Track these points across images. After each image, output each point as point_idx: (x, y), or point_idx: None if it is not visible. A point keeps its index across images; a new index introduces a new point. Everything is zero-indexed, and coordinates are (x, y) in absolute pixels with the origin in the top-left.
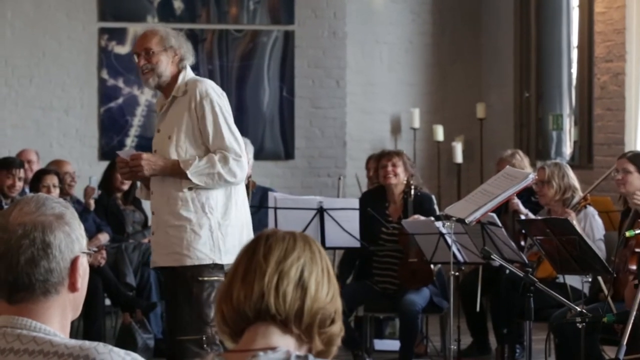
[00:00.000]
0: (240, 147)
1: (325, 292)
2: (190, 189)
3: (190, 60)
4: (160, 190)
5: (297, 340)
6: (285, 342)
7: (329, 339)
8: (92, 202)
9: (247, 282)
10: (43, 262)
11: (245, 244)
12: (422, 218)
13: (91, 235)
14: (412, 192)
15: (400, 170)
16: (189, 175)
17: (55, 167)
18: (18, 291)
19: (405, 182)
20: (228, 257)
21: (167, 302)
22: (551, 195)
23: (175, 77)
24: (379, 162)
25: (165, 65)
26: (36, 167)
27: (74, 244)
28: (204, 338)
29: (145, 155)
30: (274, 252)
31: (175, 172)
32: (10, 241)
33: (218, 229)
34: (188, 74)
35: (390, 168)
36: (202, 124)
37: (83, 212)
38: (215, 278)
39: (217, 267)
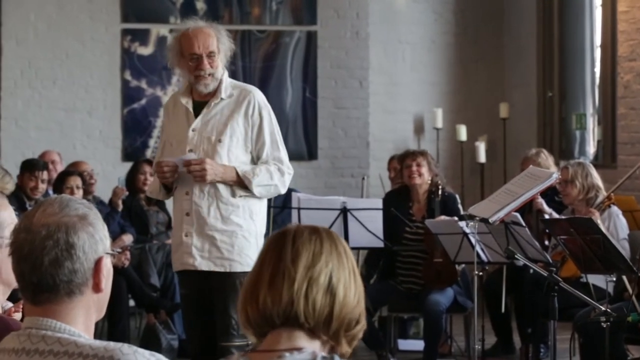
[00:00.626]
0: (288, 161)
1: (352, 295)
2: (242, 196)
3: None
4: (203, 194)
5: (323, 343)
6: (311, 345)
7: (353, 339)
8: (120, 203)
9: (274, 288)
10: (67, 262)
11: (269, 242)
12: (446, 218)
13: (115, 236)
14: (440, 192)
15: (424, 170)
16: (253, 187)
17: (74, 169)
18: (42, 292)
19: (429, 181)
20: None
21: (197, 307)
22: (574, 194)
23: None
24: (402, 162)
25: (222, 70)
26: (60, 168)
27: (97, 244)
28: (249, 344)
29: (209, 161)
30: (301, 257)
31: (233, 180)
32: (34, 242)
33: (261, 236)
34: (226, 74)
35: (414, 168)
36: (258, 132)
37: (110, 213)
38: None
39: None
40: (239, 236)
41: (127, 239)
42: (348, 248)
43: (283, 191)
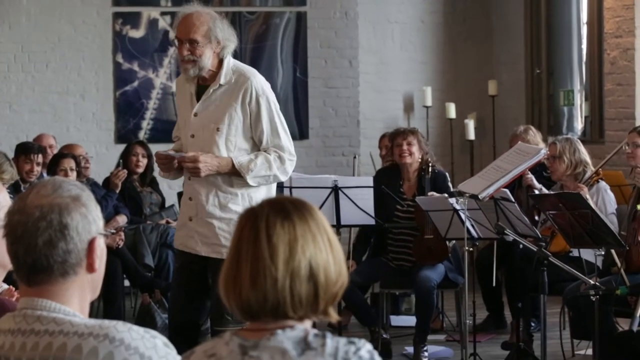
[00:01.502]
0: (292, 146)
1: (333, 271)
2: (240, 185)
3: (232, 47)
4: (204, 181)
5: (312, 319)
6: (301, 323)
7: (336, 299)
8: (119, 184)
9: (257, 287)
10: (61, 243)
11: (241, 227)
12: (437, 195)
13: (109, 217)
14: (430, 169)
15: (415, 149)
16: (248, 180)
17: (68, 152)
18: (37, 273)
19: (420, 160)
20: None
21: (189, 290)
22: (562, 170)
23: (216, 65)
24: (393, 140)
25: (208, 57)
26: (55, 151)
27: (90, 225)
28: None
29: (201, 158)
30: (279, 252)
31: (230, 172)
32: (27, 223)
33: None
34: (230, 60)
35: (405, 147)
36: (257, 119)
37: (106, 195)
38: None
39: None
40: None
41: (122, 220)
42: (320, 218)
43: (284, 179)
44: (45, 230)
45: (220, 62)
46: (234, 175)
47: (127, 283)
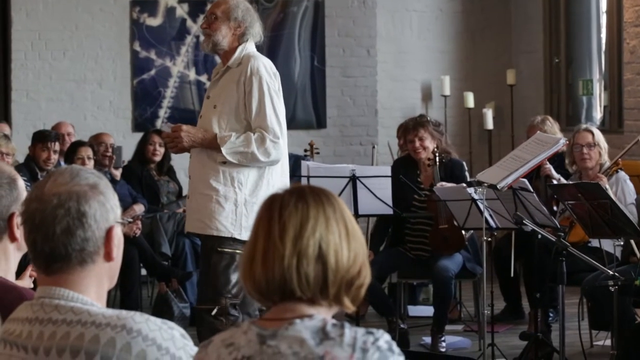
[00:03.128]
0: (281, 129)
1: (345, 256)
2: (223, 162)
3: (255, 38)
4: (197, 157)
5: (327, 307)
6: (317, 311)
7: (357, 293)
8: (115, 172)
9: (267, 265)
10: (79, 231)
11: (260, 211)
12: (447, 185)
13: (127, 206)
14: (437, 159)
15: (427, 142)
16: (223, 152)
17: (96, 141)
18: (55, 261)
19: (435, 149)
20: (249, 234)
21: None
22: (597, 158)
23: (234, 49)
24: (405, 136)
25: (224, 35)
26: (74, 139)
27: (108, 213)
28: (217, 308)
29: (185, 127)
30: (288, 230)
31: (213, 146)
32: (45, 211)
33: (244, 204)
34: (247, 47)
35: (417, 143)
36: (248, 99)
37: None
38: (236, 250)
39: (238, 241)
40: (213, 200)
41: (139, 208)
42: (340, 205)
43: (263, 159)
44: (63, 218)
45: (238, 47)
46: (218, 150)
47: (144, 272)
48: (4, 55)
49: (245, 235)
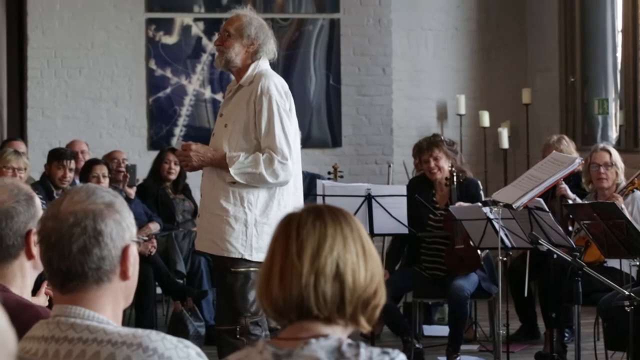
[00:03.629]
0: (290, 150)
1: (362, 276)
2: (233, 182)
3: (269, 55)
4: (208, 176)
5: (343, 326)
6: (333, 331)
7: (373, 313)
8: (130, 191)
9: (284, 284)
10: (95, 249)
11: (277, 230)
12: (465, 204)
13: (142, 224)
14: (455, 178)
15: (442, 162)
16: (231, 173)
17: (110, 158)
18: (71, 280)
19: (450, 168)
20: (260, 255)
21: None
22: (614, 178)
23: (247, 66)
24: (419, 156)
25: (237, 52)
26: (88, 157)
27: (124, 232)
28: (238, 328)
29: (194, 147)
30: (306, 249)
31: (222, 166)
32: (61, 230)
33: (254, 225)
34: (260, 65)
35: (432, 163)
36: (258, 119)
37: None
38: (250, 269)
39: (250, 261)
40: (223, 221)
41: (154, 227)
42: (356, 225)
43: (271, 180)
44: (79, 237)
45: (251, 64)
46: (227, 171)
47: (159, 290)
48: (20, 73)
49: (256, 256)
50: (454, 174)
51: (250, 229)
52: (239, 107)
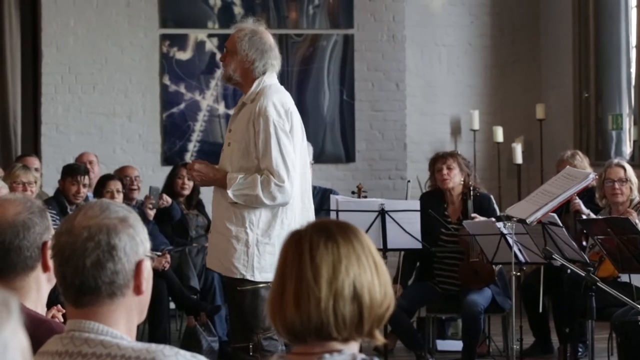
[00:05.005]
0: (288, 172)
1: (378, 293)
2: (234, 202)
3: (273, 68)
4: (215, 195)
5: (357, 342)
6: (347, 347)
7: (383, 323)
8: (150, 212)
9: (301, 308)
10: (109, 264)
11: (285, 250)
12: (480, 218)
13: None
14: (472, 192)
15: (455, 172)
16: (229, 194)
17: (122, 174)
18: (84, 294)
19: (462, 182)
20: (263, 275)
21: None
22: (628, 193)
23: (251, 82)
24: (433, 165)
25: (234, 69)
26: (97, 168)
27: (138, 246)
28: (251, 346)
29: (197, 166)
30: (322, 272)
31: (222, 185)
32: (75, 244)
33: (255, 245)
34: (264, 81)
35: (445, 172)
36: (257, 139)
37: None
38: (257, 285)
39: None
40: (227, 241)
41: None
42: (366, 240)
43: (268, 202)
44: (93, 251)
45: (254, 80)
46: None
47: (172, 306)
48: (34, 88)
49: (258, 276)
50: (471, 187)
51: (252, 249)
52: (242, 125)
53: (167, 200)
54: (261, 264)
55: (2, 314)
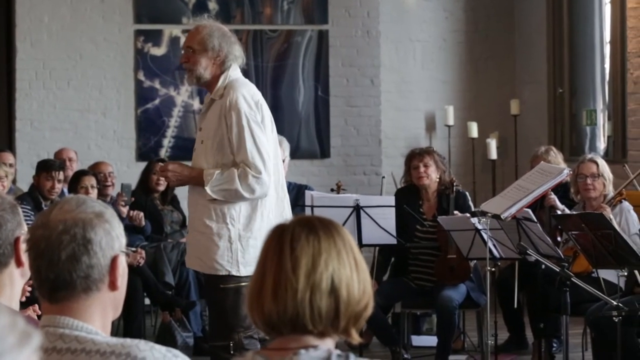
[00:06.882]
0: (264, 163)
1: (356, 290)
2: (213, 199)
3: (237, 61)
4: (191, 194)
5: (333, 337)
6: (322, 342)
7: (361, 323)
8: (123, 210)
9: (278, 298)
10: (84, 257)
11: (267, 242)
12: (459, 215)
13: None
14: (454, 188)
15: (432, 170)
16: (207, 190)
17: (96, 170)
18: (59, 289)
19: (437, 180)
20: (248, 269)
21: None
22: (601, 189)
23: (217, 78)
24: (409, 162)
25: (204, 67)
26: (76, 166)
27: (114, 241)
28: (231, 344)
29: (171, 167)
30: (301, 264)
31: (200, 183)
32: (50, 237)
33: (238, 240)
34: (230, 75)
35: (422, 169)
36: (230, 133)
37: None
38: (241, 284)
39: (238, 277)
40: (208, 239)
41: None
42: (348, 237)
43: (248, 195)
44: (68, 244)
45: (220, 76)
46: (204, 187)
47: (147, 301)
48: (8, 84)
49: (243, 270)
50: (454, 183)
51: (235, 244)
52: (213, 122)
53: (141, 221)
54: (245, 259)
55: (22, 340)
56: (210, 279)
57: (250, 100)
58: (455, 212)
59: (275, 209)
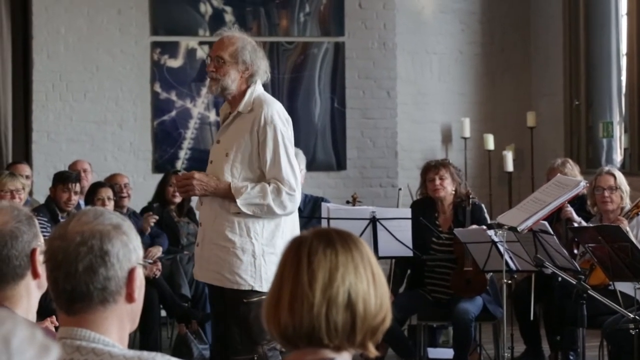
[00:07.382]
0: (297, 180)
1: (373, 304)
2: (237, 213)
3: (263, 77)
4: (209, 205)
5: (350, 352)
6: (340, 356)
7: (379, 336)
8: (148, 228)
9: (294, 312)
10: (101, 269)
11: (285, 255)
12: (475, 227)
13: (145, 247)
14: (470, 200)
15: (447, 182)
16: (239, 204)
17: (112, 181)
18: (76, 301)
19: (453, 192)
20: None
21: (214, 318)
22: (618, 201)
23: (242, 92)
24: (425, 175)
25: (233, 79)
26: (90, 177)
27: (131, 253)
28: (256, 357)
29: (197, 175)
30: (318, 278)
31: (227, 196)
32: (68, 249)
33: (262, 255)
34: (257, 90)
35: (438, 182)
36: (262, 149)
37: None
38: (262, 297)
39: (260, 292)
40: (230, 253)
41: (156, 250)
42: (366, 250)
43: (279, 212)
44: (85, 256)
45: (247, 90)
46: (232, 201)
47: (163, 313)
48: (25, 96)
49: (265, 287)
50: (470, 196)
51: (259, 259)
52: (240, 136)
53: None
54: (268, 275)
55: (42, 353)
56: (231, 293)
57: (282, 116)
58: (473, 225)
59: (291, 226)
